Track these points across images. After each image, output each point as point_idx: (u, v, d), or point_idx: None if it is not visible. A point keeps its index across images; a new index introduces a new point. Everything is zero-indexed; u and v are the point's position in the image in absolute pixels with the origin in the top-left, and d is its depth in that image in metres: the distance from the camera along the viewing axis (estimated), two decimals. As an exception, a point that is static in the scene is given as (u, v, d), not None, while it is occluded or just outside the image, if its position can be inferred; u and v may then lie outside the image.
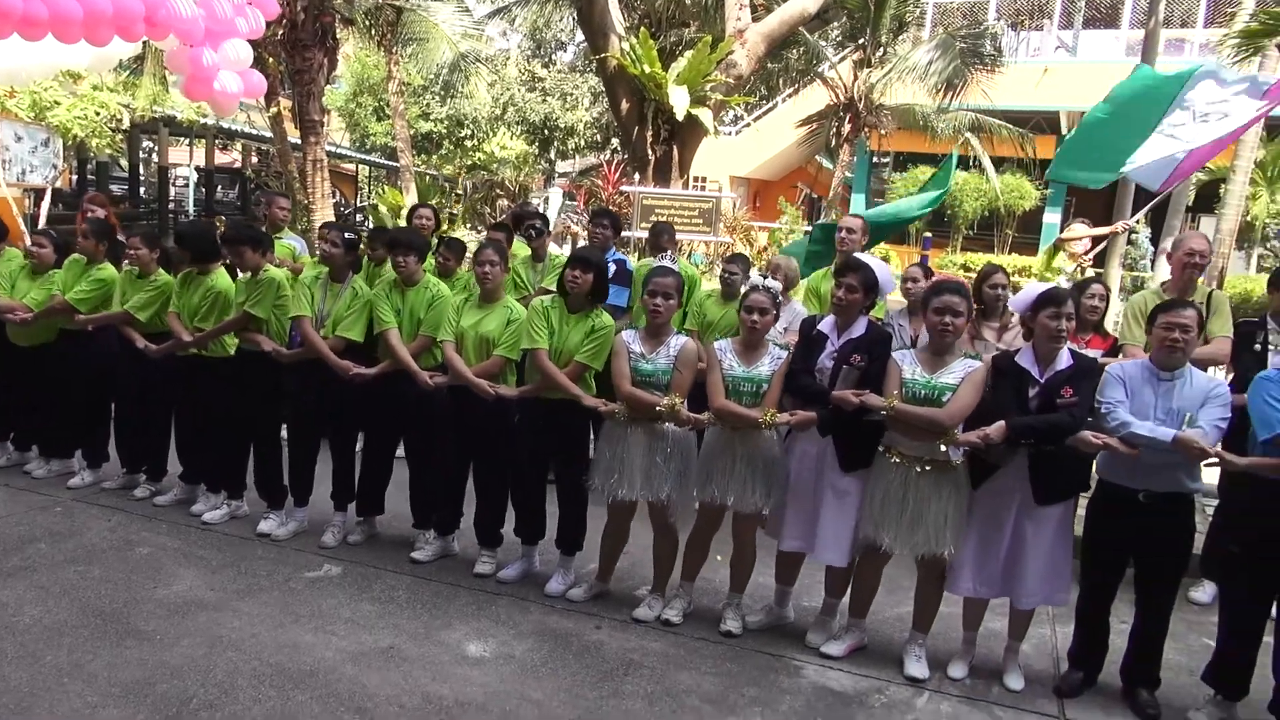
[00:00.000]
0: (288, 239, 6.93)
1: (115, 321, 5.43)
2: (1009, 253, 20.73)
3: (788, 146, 22.29)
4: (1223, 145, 6.60)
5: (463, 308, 4.81)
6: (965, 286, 4.14)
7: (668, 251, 6.15)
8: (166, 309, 5.34)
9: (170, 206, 18.87)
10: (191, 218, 18.17)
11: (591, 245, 6.20)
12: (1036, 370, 3.86)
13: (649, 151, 12.81)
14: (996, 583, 4.01)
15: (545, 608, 4.56)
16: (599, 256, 4.71)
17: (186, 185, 21.40)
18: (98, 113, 12.15)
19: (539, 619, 4.44)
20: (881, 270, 4.32)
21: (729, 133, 24.75)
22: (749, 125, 25.11)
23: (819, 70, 18.58)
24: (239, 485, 5.44)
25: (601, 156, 26.20)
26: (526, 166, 26.13)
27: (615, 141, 23.72)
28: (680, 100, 11.91)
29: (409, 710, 3.59)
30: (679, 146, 12.87)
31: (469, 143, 26.43)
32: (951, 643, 4.26)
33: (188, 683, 3.67)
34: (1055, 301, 3.82)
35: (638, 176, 12.74)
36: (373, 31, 16.80)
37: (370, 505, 5.25)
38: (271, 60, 11.67)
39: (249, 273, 5.17)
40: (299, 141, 12.16)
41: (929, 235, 13.40)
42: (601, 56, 12.57)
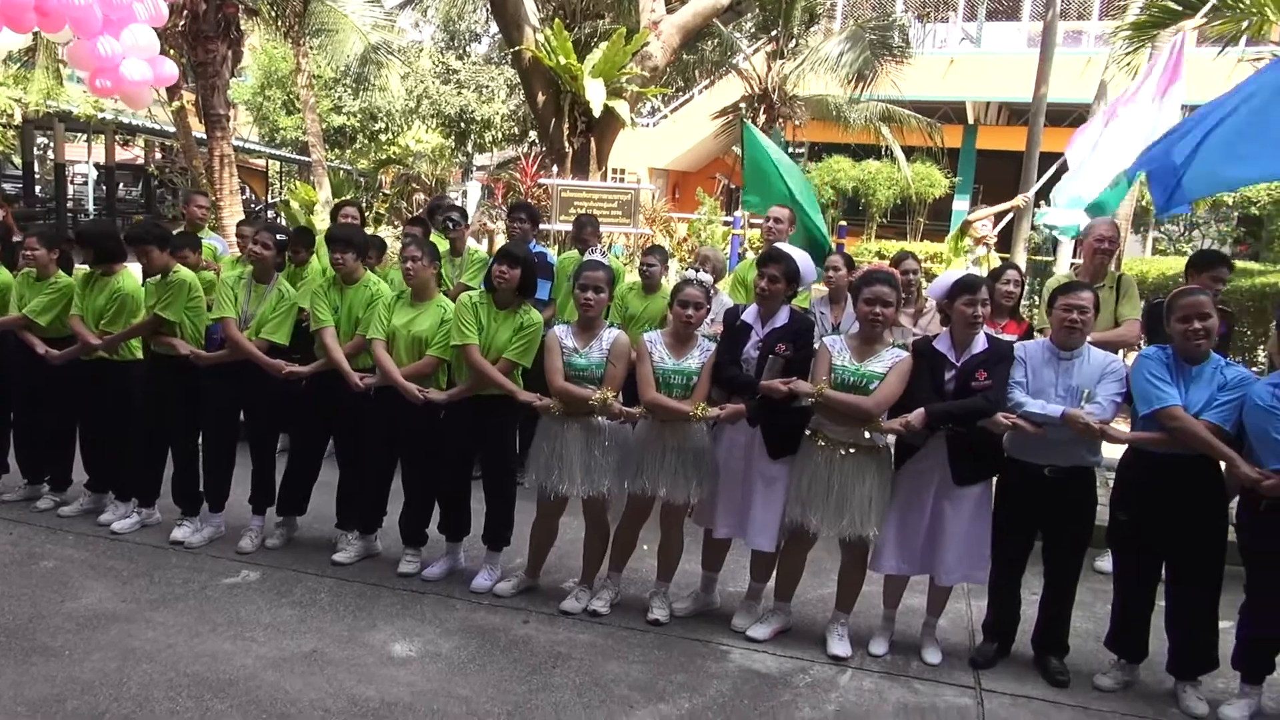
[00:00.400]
0: (209, 239, 6.72)
1: (12, 326, 5.20)
2: (921, 239, 21.23)
3: (705, 138, 22.45)
4: None
5: (395, 306, 4.74)
6: (895, 277, 4.25)
7: (596, 245, 6.16)
8: (68, 312, 5.14)
9: (69, 205, 18.10)
10: (92, 216, 17.47)
11: (511, 239, 6.17)
12: (953, 355, 3.98)
13: (566, 144, 12.73)
14: (917, 561, 4.13)
15: (472, 604, 4.53)
16: (526, 251, 4.68)
17: (85, 183, 20.55)
18: (-13, 108, 11.59)
19: (465, 616, 4.41)
20: (803, 260, 4.39)
21: (646, 124, 24.81)
22: (666, 117, 25.21)
23: (733, 62, 18.76)
24: (151, 493, 5.26)
25: (520, 149, 25.98)
26: (443, 160, 25.74)
27: (533, 134, 23.56)
28: (596, 92, 11.86)
29: (334, 714, 3.54)
30: (596, 138, 12.82)
31: (383, 136, 25.94)
32: (873, 621, 4.37)
33: (100, 698, 3.55)
34: (971, 288, 3.95)
35: (556, 169, 12.65)
36: (279, 22, 16.37)
37: (293, 505, 5.14)
38: (173, 53, 11.26)
39: (158, 274, 5.01)
40: (204, 136, 11.79)
41: (844, 224, 13.67)
42: (516, 49, 12.44)
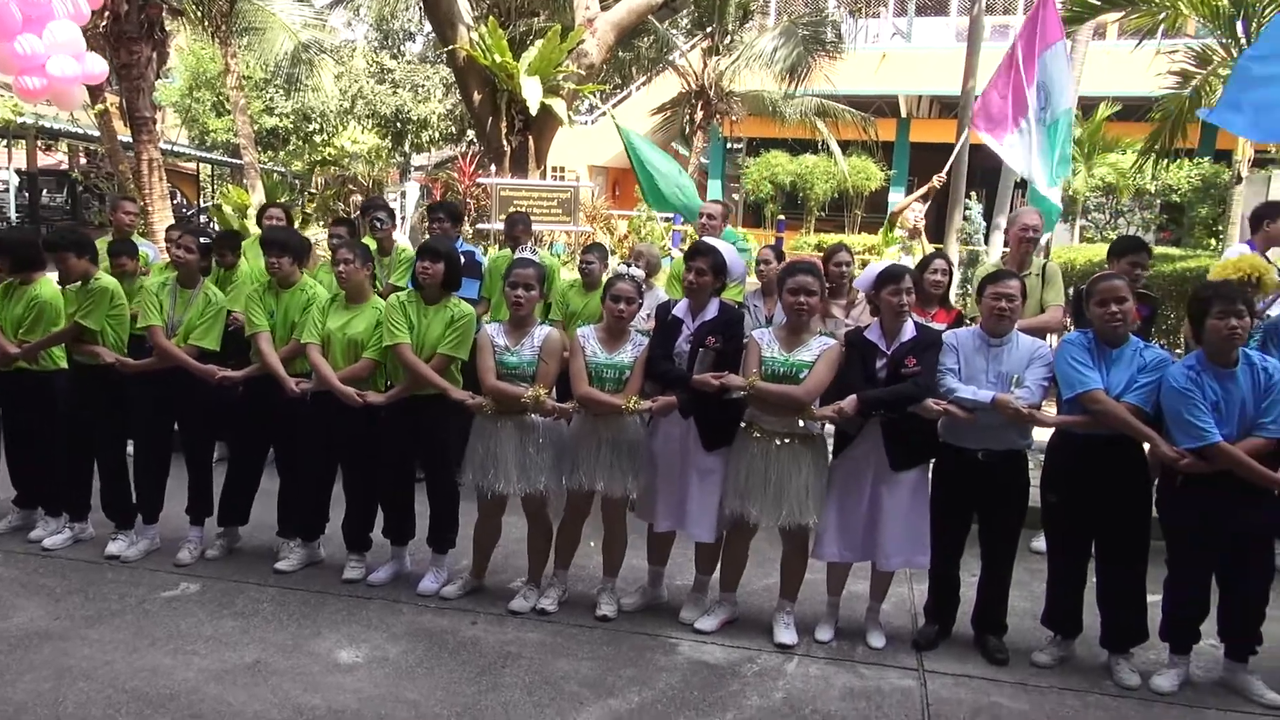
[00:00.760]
0: (141, 245, 6.56)
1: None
2: (859, 232, 21.57)
3: (644, 135, 22.48)
4: None
5: (329, 309, 4.68)
6: (818, 267, 4.32)
7: (527, 243, 6.14)
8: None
9: (-11, 213, 17.49)
10: (13, 224, 16.89)
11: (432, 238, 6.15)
12: (883, 344, 4.06)
13: (504, 142, 12.68)
14: (858, 547, 4.20)
15: (419, 608, 4.50)
16: (447, 245, 4.69)
17: (6, 189, 19.86)
18: (-105, 114, 11.15)
19: (412, 619, 4.38)
20: (730, 253, 4.44)
21: (585, 122, 24.78)
22: (604, 114, 25.21)
23: (670, 59, 18.87)
24: (81, 507, 5.12)
25: (458, 149, 25.76)
26: (380, 161, 25.42)
27: (471, 133, 23.38)
28: (533, 91, 11.84)
29: (280, 724, 3.49)
30: (534, 137, 12.80)
31: (318, 138, 25.52)
32: (818, 608, 4.43)
33: (35, 719, 3.46)
34: (895, 278, 4.03)
35: (494, 168, 12.60)
36: (205, 22, 16.00)
37: (234, 515, 5.03)
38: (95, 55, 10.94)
39: (75, 281, 4.87)
40: (130, 140, 11.48)
41: (783, 218, 13.84)
42: (450, 47, 12.35)
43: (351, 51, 27.70)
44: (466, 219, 13.60)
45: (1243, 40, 9.44)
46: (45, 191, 20.67)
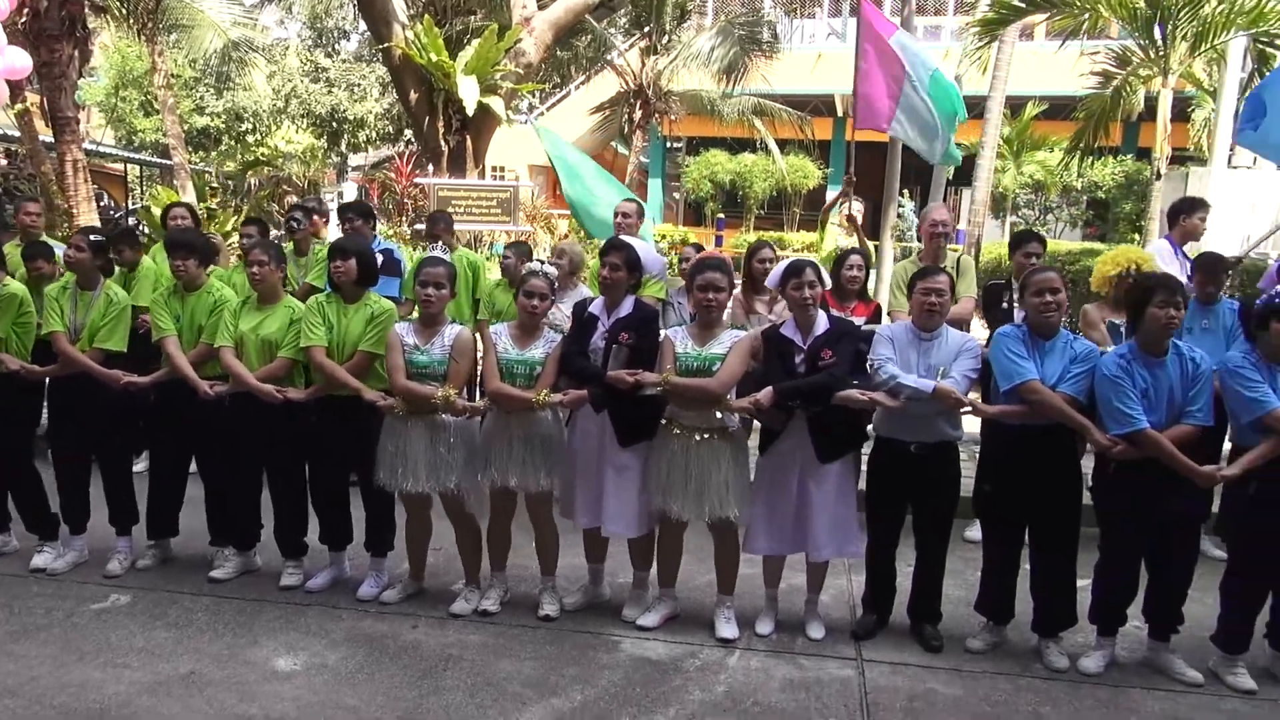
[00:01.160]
0: (58, 248, 6.34)
1: None
2: (798, 230, 21.82)
3: (583, 134, 22.45)
4: None
5: (241, 311, 4.60)
6: (726, 262, 4.38)
7: (439, 241, 6.12)
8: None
9: (-99, 218, 16.78)
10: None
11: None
12: (799, 338, 4.12)
13: (442, 142, 12.58)
14: (789, 540, 4.26)
15: (359, 613, 4.45)
16: (357, 242, 4.68)
17: (-80, 193, 19.09)
18: None
19: (352, 625, 4.33)
20: (645, 249, 4.47)
21: (524, 121, 24.64)
22: (543, 114, 25.12)
23: (608, 58, 18.88)
24: (1, 519, 4.96)
25: (395, 149, 25.46)
26: (316, 161, 25.01)
27: (408, 133, 23.12)
28: (470, 90, 11.76)
29: (215, 735, 3.43)
30: (472, 136, 12.72)
31: (250, 137, 25.02)
32: (759, 602, 4.48)
33: (-44, 739, 3.36)
34: (796, 272, 4.10)
35: (432, 168, 12.49)
36: (130, 20, 15.55)
37: (162, 527, 4.91)
38: (13, 52, 10.58)
39: None
40: (53, 140, 11.14)
41: (722, 217, 13.94)
42: (385, 46, 12.21)
43: (284, 50, 27.21)
44: (405, 219, 13.46)
45: (1159, 42, 9.77)
46: (-38, 194, 19.92)
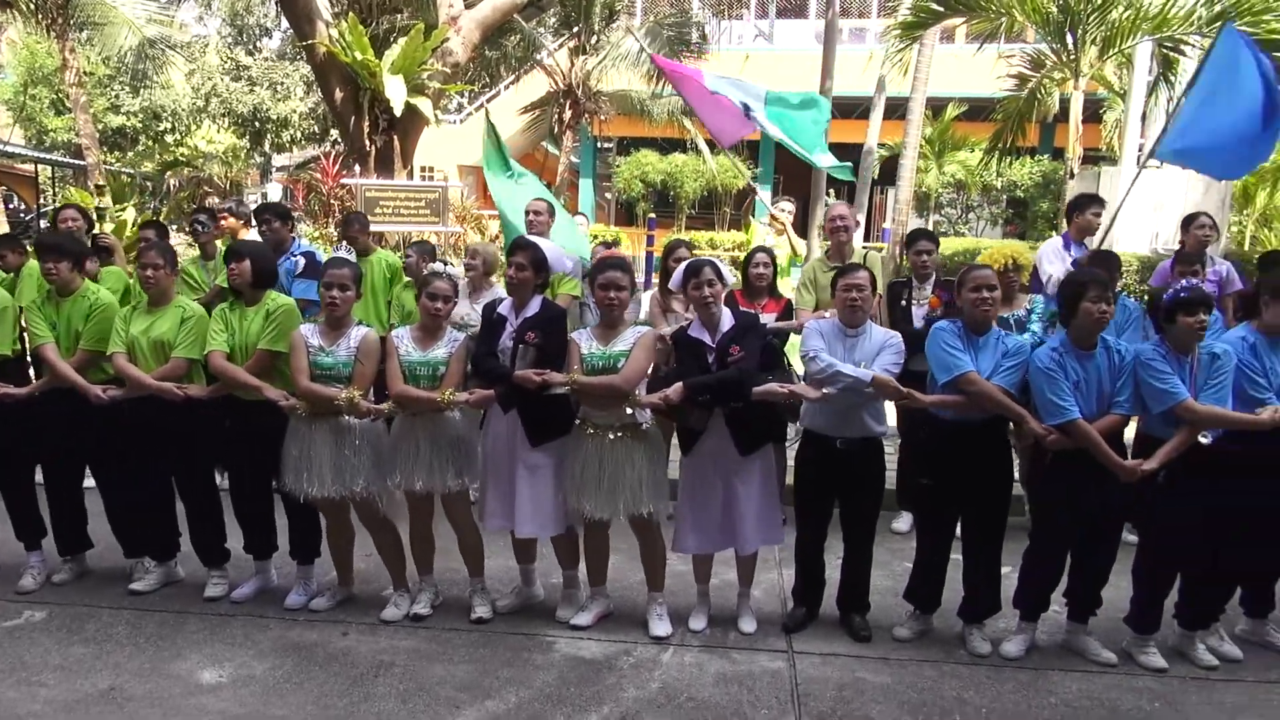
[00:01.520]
0: None
1: None
2: (728, 229, 22.02)
3: (513, 134, 22.32)
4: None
5: (131, 316, 4.48)
6: (627, 262, 4.43)
7: (342, 243, 6.06)
8: None
9: None
10: None
11: (265, 241, 6.01)
12: (707, 337, 4.17)
13: (368, 142, 12.35)
14: (716, 538, 4.31)
15: (287, 622, 4.37)
16: (251, 245, 4.63)
17: None
18: None
19: (280, 634, 4.26)
20: (551, 249, 4.48)
21: (453, 121, 24.45)
22: (473, 114, 24.91)
23: (538, 58, 18.79)
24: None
25: (321, 149, 24.98)
26: (238, 161, 24.45)
27: (334, 133, 22.71)
28: (396, 89, 11.57)
29: (137, 752, 3.34)
30: (400, 136, 12.51)
31: (169, 137, 24.32)
32: (694, 597, 4.53)
33: None
34: (694, 273, 4.15)
35: (359, 169, 12.26)
36: (39, 15, 14.98)
37: (72, 543, 4.75)
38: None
39: None
40: (-45, 141, 10.68)
41: (653, 216, 13.96)
42: (309, 43, 11.96)
43: (204, 47, 26.50)
44: (331, 221, 13.21)
45: (1071, 46, 10.11)
46: None
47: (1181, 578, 4.21)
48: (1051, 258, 5.76)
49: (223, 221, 6.34)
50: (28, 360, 4.90)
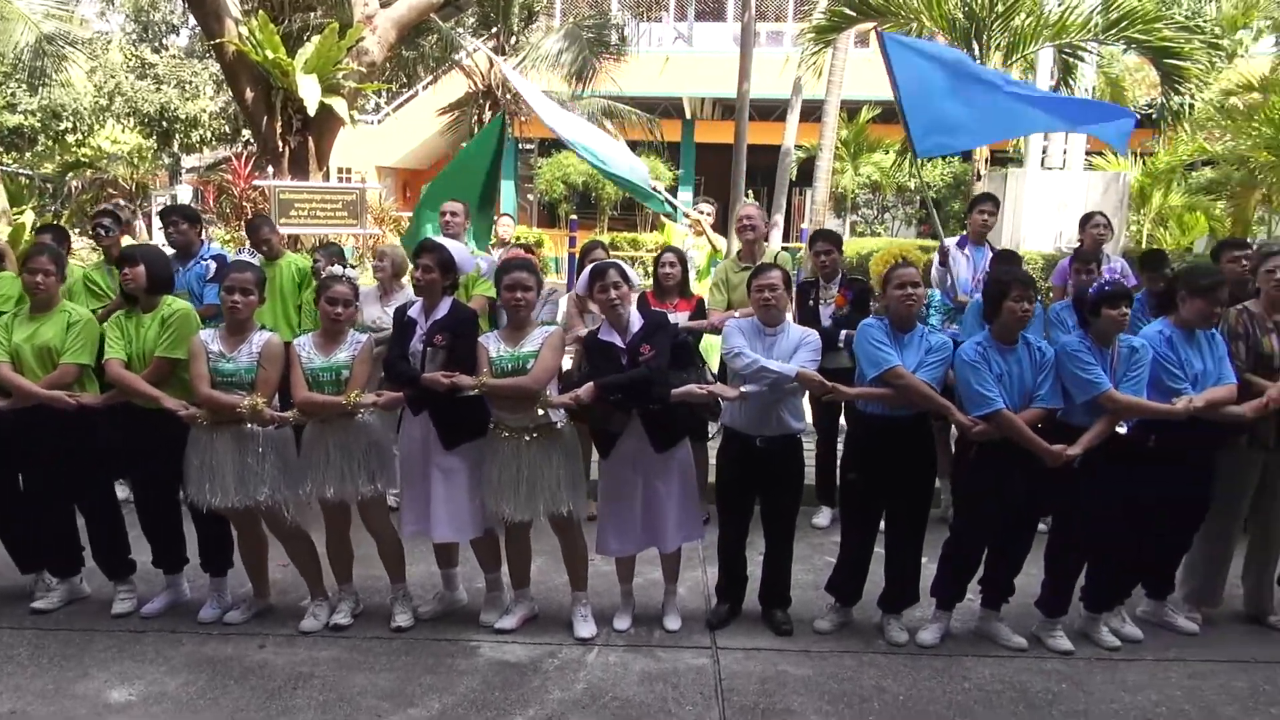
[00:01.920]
0: None
1: None
2: (650, 230, 22.13)
3: (432, 135, 22.11)
4: None
5: (12, 323, 4.31)
6: (533, 263, 4.44)
7: (245, 246, 5.95)
8: None
9: None
10: None
11: (172, 245, 5.87)
12: (617, 339, 4.19)
13: (281, 143, 12.09)
14: (638, 539, 4.33)
15: (200, 636, 4.25)
16: (147, 249, 4.51)
17: None
18: None
19: (194, 649, 4.13)
20: (458, 251, 4.46)
21: (370, 122, 24.06)
22: (390, 115, 24.55)
23: (456, 58, 18.61)
24: None
25: (232, 149, 24.30)
26: (145, 162, 23.62)
27: (247, 133, 22.12)
28: (310, 89, 11.34)
29: (41, 776, 3.21)
30: (314, 137, 12.26)
31: (71, 137, 23.36)
32: (618, 598, 4.52)
33: None
34: (599, 275, 4.18)
35: (272, 170, 11.98)
36: (-74, 10, 14.26)
37: None
38: None
39: None
40: None
41: (575, 218, 13.96)
42: (217, 41, 11.63)
43: (106, 44, 25.54)
44: (243, 223, 12.88)
45: (975, 51, 10.43)
46: None
47: (1090, 562, 4.37)
48: (941, 256, 5.98)
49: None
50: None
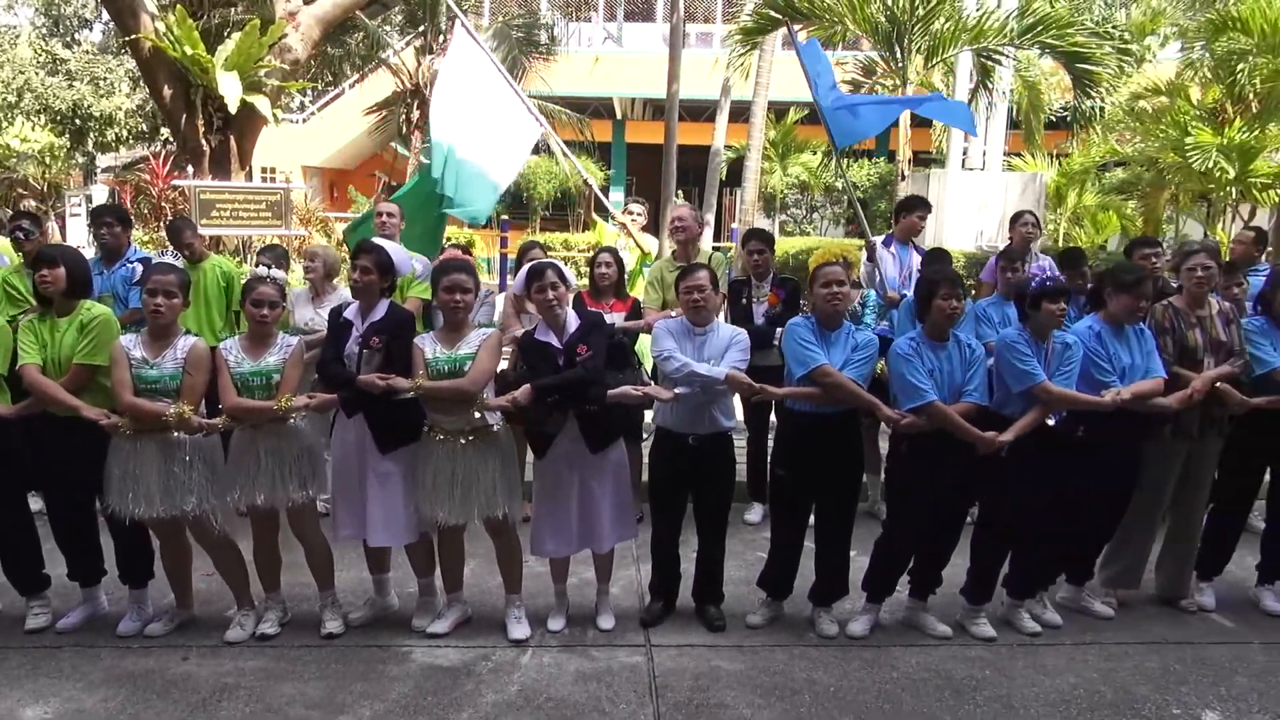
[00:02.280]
0: None
1: None
2: (582, 230, 22.09)
3: (360, 134, 21.75)
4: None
5: None
6: (470, 264, 4.42)
7: (166, 249, 5.81)
8: None
9: None
10: None
11: (103, 248, 5.68)
12: (554, 339, 4.18)
13: (202, 142, 11.75)
14: (573, 540, 4.32)
15: (120, 651, 4.12)
16: (66, 250, 4.35)
17: None
18: None
19: (113, 664, 4.01)
20: (397, 252, 4.42)
21: (295, 121, 23.55)
22: (316, 114, 24.08)
23: (383, 57, 18.35)
24: None
25: (150, 148, 23.55)
26: (57, 162, 22.78)
27: (166, 131, 21.46)
28: (231, 87, 11.04)
29: (-51, 801, 3.08)
30: (236, 136, 11.94)
31: (-24, 135, 22.39)
32: (552, 599, 4.51)
33: None
34: (537, 275, 4.17)
35: (192, 169, 11.64)
36: None
37: None
38: None
39: None
40: None
41: (506, 218, 13.87)
42: (133, 37, 11.26)
43: (14, 39, 24.56)
44: (161, 225, 12.50)
45: (898, 53, 10.67)
46: None
47: (1015, 550, 4.49)
48: (874, 255, 6.10)
49: None
50: None
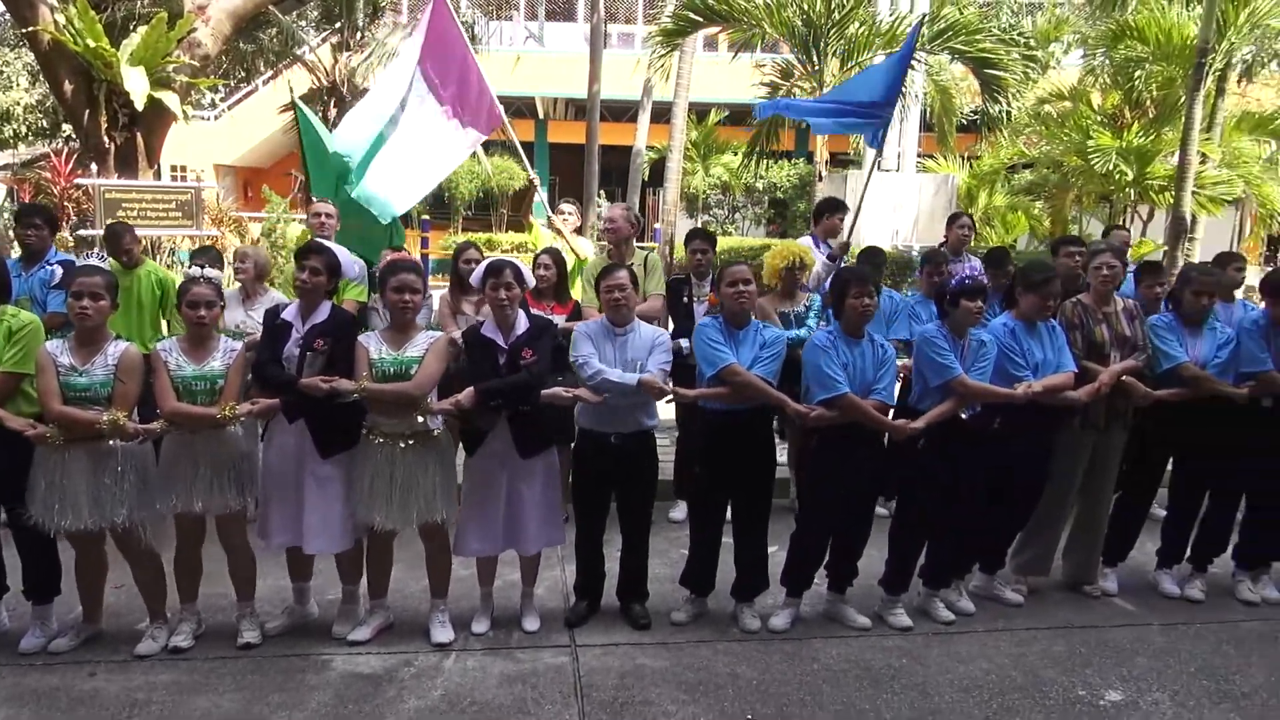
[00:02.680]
0: None
1: None
2: (505, 230, 21.96)
3: (275, 132, 21.21)
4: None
5: None
6: (419, 265, 4.38)
7: (95, 249, 5.62)
8: None
9: None
10: None
11: (26, 249, 5.45)
12: (500, 338, 4.18)
13: (106, 139, 11.32)
14: (499, 540, 4.30)
15: (22, 668, 3.96)
16: None
17: None
18: None
19: (15, 682, 3.85)
20: (344, 254, 4.36)
21: (206, 118, 22.89)
22: (228, 111, 23.43)
23: (298, 53, 17.94)
24: None
25: (51, 145, 22.58)
26: (-52, 159, 21.73)
27: (68, 128, 20.61)
28: (137, 82, 10.67)
29: None
30: (144, 133, 11.54)
31: None
32: (476, 603, 4.49)
33: None
34: (495, 272, 4.16)
35: (96, 168, 11.22)
36: None
37: None
38: None
39: None
40: None
41: (428, 218, 13.72)
42: (31, 29, 10.80)
43: (-101, 30, 23.32)
44: (66, 225, 12.02)
45: (814, 57, 10.87)
46: None
47: (931, 540, 4.62)
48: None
49: None
50: None
